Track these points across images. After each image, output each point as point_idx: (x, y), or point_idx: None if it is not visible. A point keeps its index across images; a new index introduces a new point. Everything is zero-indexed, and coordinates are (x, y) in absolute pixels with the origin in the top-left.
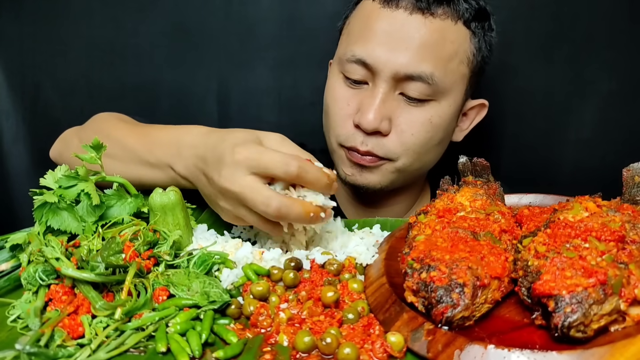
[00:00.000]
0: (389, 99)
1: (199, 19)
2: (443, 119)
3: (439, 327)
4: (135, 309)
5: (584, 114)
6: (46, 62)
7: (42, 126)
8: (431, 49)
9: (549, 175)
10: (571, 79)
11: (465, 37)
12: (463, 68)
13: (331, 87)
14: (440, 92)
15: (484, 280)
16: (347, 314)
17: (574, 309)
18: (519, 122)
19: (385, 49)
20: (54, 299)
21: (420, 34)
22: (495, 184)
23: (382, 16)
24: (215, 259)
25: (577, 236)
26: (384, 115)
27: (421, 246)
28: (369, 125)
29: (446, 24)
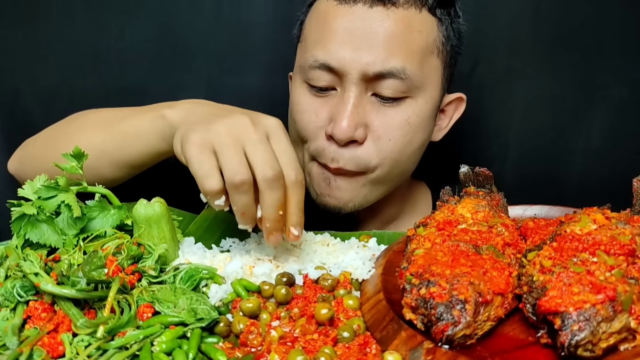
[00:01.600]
0: (362, 103)
1: (186, 21)
2: (421, 119)
3: (439, 346)
4: (119, 327)
5: (593, 121)
6: (25, 67)
7: (21, 135)
8: (399, 42)
9: (555, 186)
10: (580, 85)
11: (432, 26)
12: (435, 59)
13: (295, 100)
14: (415, 88)
15: (487, 297)
16: (342, 332)
17: (581, 327)
18: (525, 130)
19: (349, 49)
20: (32, 316)
21: (385, 26)
22: (499, 195)
23: (340, 13)
24: (203, 274)
25: (584, 250)
26: (359, 121)
27: (420, 260)
28: (344, 135)
29: (410, 12)
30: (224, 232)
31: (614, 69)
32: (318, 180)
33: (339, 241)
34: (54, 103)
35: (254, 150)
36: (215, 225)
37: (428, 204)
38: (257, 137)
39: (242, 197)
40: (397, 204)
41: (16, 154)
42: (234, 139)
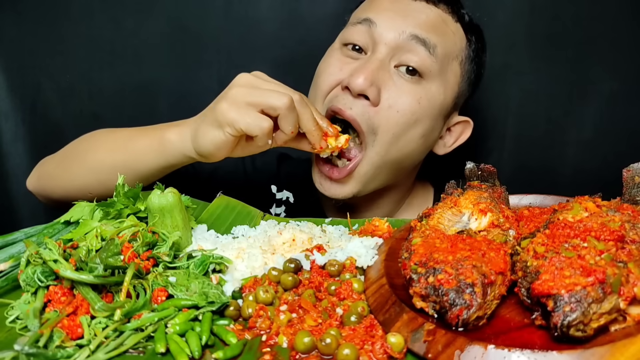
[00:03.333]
0: (384, 69)
1: (199, 18)
2: (431, 105)
3: (454, 330)
4: (135, 310)
5: (585, 114)
6: (46, 63)
7: (42, 127)
8: (436, 26)
9: (549, 176)
10: (573, 80)
11: (462, 38)
12: (457, 66)
13: (326, 58)
14: (434, 73)
15: (491, 277)
16: (350, 316)
17: (573, 308)
18: (520, 123)
19: (393, 14)
20: (52, 300)
21: (425, 13)
22: (501, 188)
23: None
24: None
25: (576, 236)
26: (375, 81)
27: (421, 249)
28: (357, 86)
29: (447, 17)
30: (235, 219)
31: (605, 64)
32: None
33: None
34: (73, 97)
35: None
36: (227, 212)
37: (427, 202)
38: (263, 79)
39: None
40: (395, 200)
41: (34, 173)
42: (253, 87)
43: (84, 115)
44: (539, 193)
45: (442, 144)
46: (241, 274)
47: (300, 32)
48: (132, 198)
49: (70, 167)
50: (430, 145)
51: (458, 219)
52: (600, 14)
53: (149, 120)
